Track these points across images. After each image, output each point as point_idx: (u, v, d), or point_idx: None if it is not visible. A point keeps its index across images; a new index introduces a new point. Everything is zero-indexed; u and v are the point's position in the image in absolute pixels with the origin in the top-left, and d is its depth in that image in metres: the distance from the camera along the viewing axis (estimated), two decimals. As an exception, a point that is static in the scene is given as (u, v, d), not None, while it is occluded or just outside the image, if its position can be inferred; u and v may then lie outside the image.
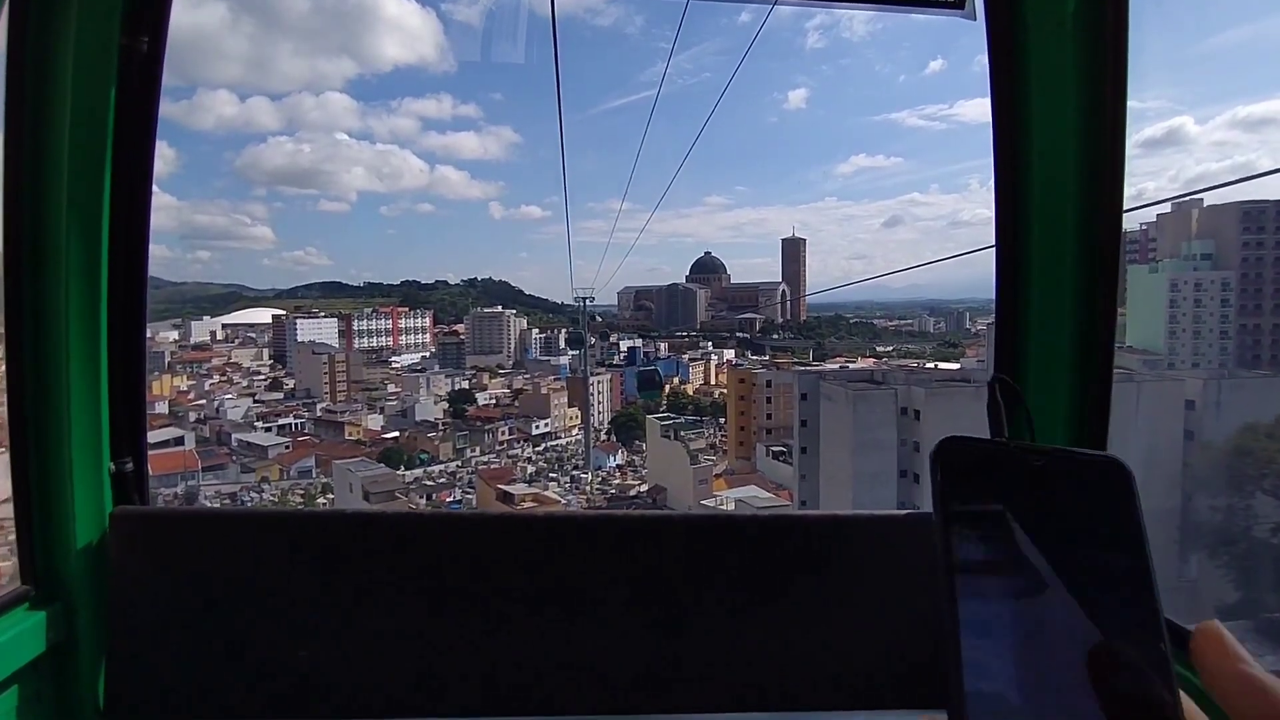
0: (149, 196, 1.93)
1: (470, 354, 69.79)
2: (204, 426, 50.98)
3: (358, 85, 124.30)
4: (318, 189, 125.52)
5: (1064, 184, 1.89)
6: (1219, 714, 0.82)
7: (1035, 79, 1.90)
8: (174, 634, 1.91)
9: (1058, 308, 1.95)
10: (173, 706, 1.92)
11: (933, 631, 1.89)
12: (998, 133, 1.98)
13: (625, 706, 1.97)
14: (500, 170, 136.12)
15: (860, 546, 1.99)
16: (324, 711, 1.94)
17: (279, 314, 72.95)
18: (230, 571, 1.94)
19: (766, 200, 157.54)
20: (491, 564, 1.97)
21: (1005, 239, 2.00)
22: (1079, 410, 1.96)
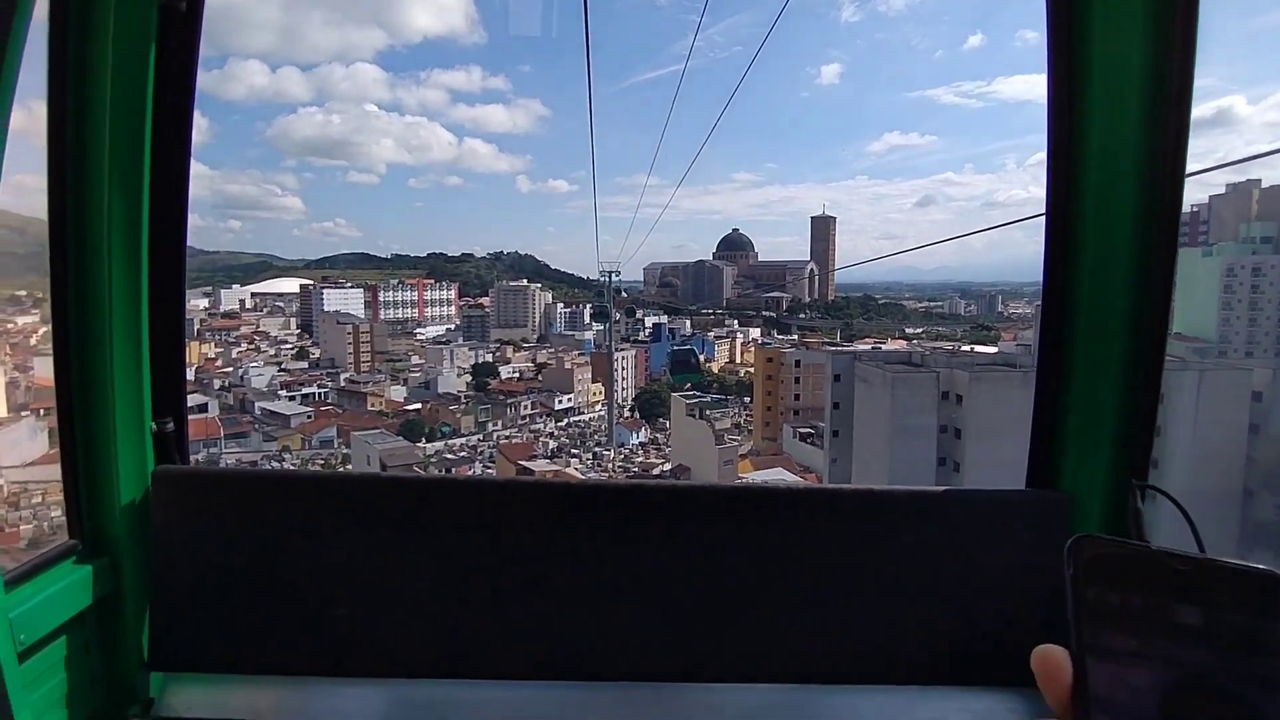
0: (188, 162, 1.97)
1: (495, 327, 68.50)
2: (228, 394, 50.26)
3: (387, 56, 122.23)
4: (347, 160, 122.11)
5: (1122, 161, 1.80)
6: None
7: (1098, 50, 1.81)
8: (214, 589, 1.97)
9: (1109, 289, 1.86)
10: (213, 660, 1.99)
11: (978, 612, 1.89)
12: (1053, 106, 1.89)
13: (659, 675, 1.97)
14: (528, 144, 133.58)
15: (897, 522, 1.97)
16: (359, 670, 1.99)
17: (307, 284, 71.88)
18: (268, 530, 1.99)
19: (796, 178, 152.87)
20: (525, 530, 1.98)
21: (1057, 217, 1.92)
22: (1128, 397, 1.87)
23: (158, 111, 1.88)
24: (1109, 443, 1.95)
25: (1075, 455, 2.02)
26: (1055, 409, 2.05)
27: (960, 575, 1.95)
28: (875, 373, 27.85)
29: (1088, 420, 1.99)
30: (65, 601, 1.83)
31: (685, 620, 1.97)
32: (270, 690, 2.03)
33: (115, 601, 1.97)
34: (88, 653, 1.92)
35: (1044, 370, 2.04)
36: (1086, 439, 1.99)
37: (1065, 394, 2.02)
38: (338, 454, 43.11)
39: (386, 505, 2.01)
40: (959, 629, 1.95)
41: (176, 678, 2.05)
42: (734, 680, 2.00)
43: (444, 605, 1.98)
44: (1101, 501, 1.96)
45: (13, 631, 1.66)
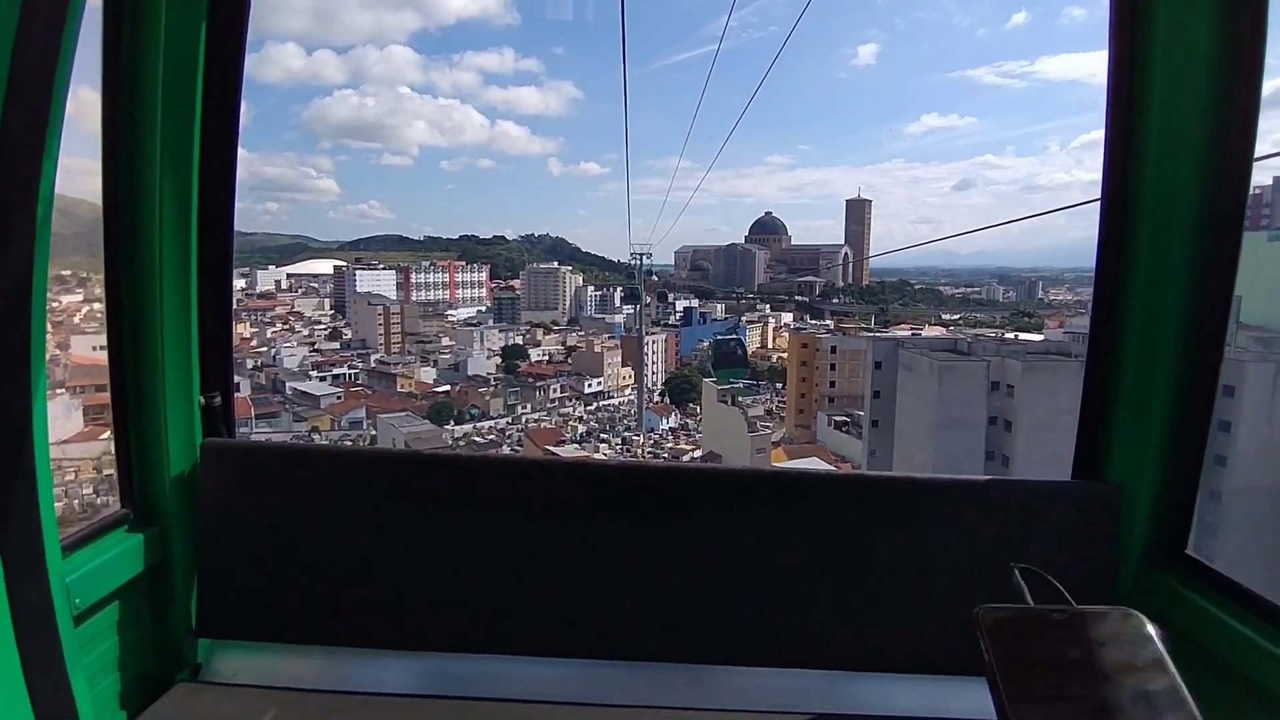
0: (236, 144, 2.00)
1: (525, 309, 67.55)
2: (260, 374, 49.82)
3: (421, 38, 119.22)
4: (381, 143, 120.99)
5: (1184, 148, 1.76)
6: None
7: (1161, 31, 1.75)
8: (259, 560, 2.02)
9: (1166, 279, 1.83)
10: (257, 628, 2.05)
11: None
12: (1113, 90, 1.85)
13: (690, 656, 1.98)
14: (560, 126, 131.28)
15: (938, 510, 1.97)
16: (396, 642, 2.04)
17: (340, 265, 71.41)
18: (312, 504, 2.04)
19: (830, 160, 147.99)
20: (561, 509, 2.01)
21: (1113, 204, 1.89)
22: (1182, 389, 1.83)
23: (207, 94, 1.91)
24: (1160, 435, 1.88)
25: (1124, 447, 1.95)
26: (1105, 399, 1.98)
27: (999, 565, 1.77)
28: (921, 360, 26.13)
29: (1139, 412, 1.91)
30: (117, 568, 1.87)
31: (718, 603, 1.96)
32: (311, 659, 2.08)
33: (164, 569, 2.01)
34: (138, 618, 1.97)
35: (1094, 359, 2.00)
36: (1137, 431, 1.92)
37: (1116, 384, 1.96)
38: (366, 435, 42.38)
39: (426, 482, 2.04)
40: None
41: (222, 644, 2.09)
42: (767, 664, 1.99)
43: (480, 581, 2.00)
44: (1150, 494, 1.90)
45: (69, 595, 1.68)
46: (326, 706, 1.96)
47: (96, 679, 1.84)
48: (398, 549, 2.04)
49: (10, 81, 1.31)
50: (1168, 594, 1.84)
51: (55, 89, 1.40)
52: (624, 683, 2.01)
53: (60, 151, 1.46)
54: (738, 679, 2.02)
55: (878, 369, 28.72)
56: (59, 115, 1.43)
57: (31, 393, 1.45)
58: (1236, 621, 1.64)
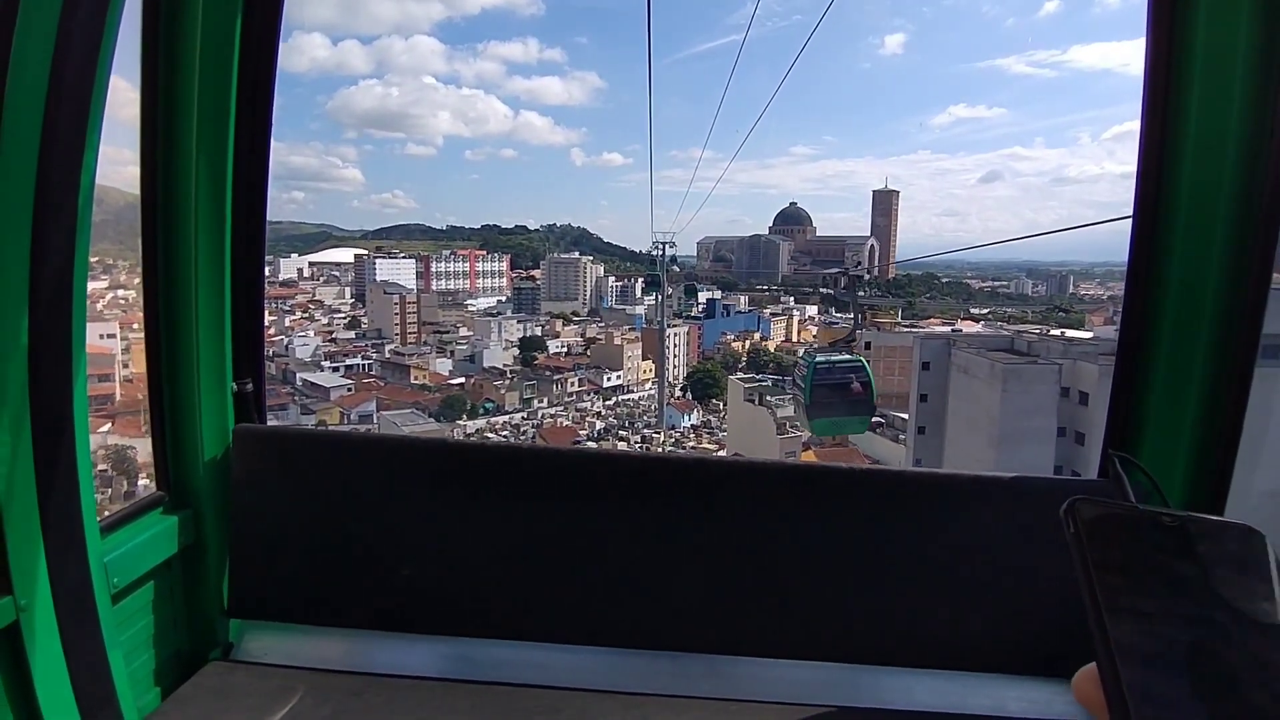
0: (269, 136, 2.00)
1: (545, 299, 65.28)
2: (271, 363, 46.93)
3: (445, 28, 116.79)
4: (405, 133, 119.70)
5: (1221, 146, 1.69)
6: None
7: (1202, 25, 1.67)
8: (290, 544, 2.03)
9: (1200, 279, 1.77)
10: (288, 611, 2.05)
11: (1043, 601, 1.84)
12: (1149, 85, 1.78)
13: (713, 647, 1.95)
14: (583, 116, 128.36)
15: (962, 507, 1.93)
16: (425, 627, 2.04)
17: (361, 254, 69.71)
18: (340, 489, 2.04)
19: (855, 152, 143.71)
20: (587, 499, 1.99)
21: (1146, 203, 1.83)
22: (1213, 391, 1.78)
23: (242, 88, 1.90)
24: (1190, 434, 1.84)
25: (1154, 444, 1.90)
26: (1134, 397, 1.94)
27: (1027, 564, 1.88)
28: (979, 362, 22.36)
29: (1169, 410, 1.87)
30: (153, 549, 1.88)
31: (741, 595, 1.94)
32: (339, 641, 2.08)
33: (198, 551, 2.01)
34: (172, 598, 1.98)
35: (1124, 358, 1.94)
36: (1167, 429, 1.88)
37: (1147, 382, 1.90)
38: (375, 430, 39.29)
39: (453, 470, 2.02)
40: (1023, 617, 1.89)
41: (253, 625, 2.09)
42: (788, 656, 1.97)
43: (505, 569, 1.98)
44: (1181, 495, 1.87)
45: (107, 574, 1.70)
46: (353, 687, 1.93)
47: (132, 656, 1.84)
48: (424, 534, 2.01)
49: (53, 77, 1.36)
50: None
51: (96, 83, 1.41)
52: (646, 672, 1.97)
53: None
54: (759, 670, 1.97)
55: (925, 370, 24.98)
56: (99, 109, 1.44)
57: (73, 380, 1.51)
58: None
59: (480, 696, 1.91)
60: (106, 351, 31.37)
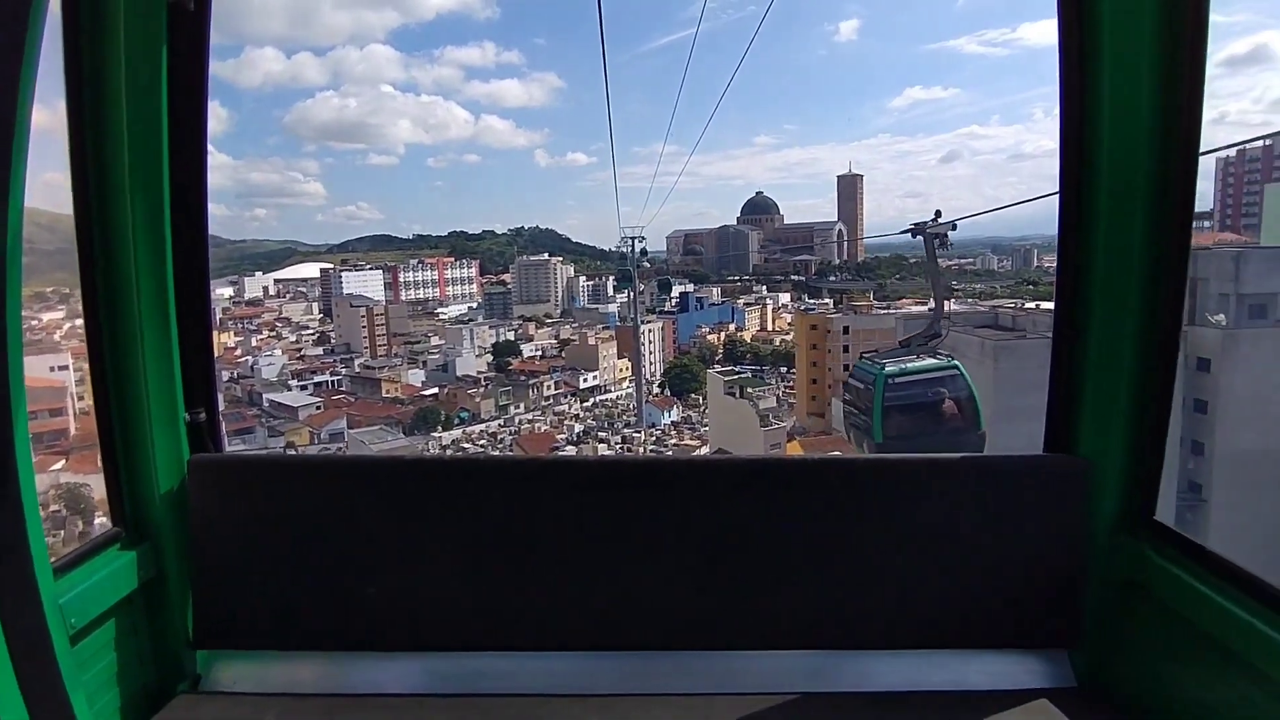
0: (205, 155, 1.95)
1: (517, 303, 64.25)
2: (236, 386, 44.80)
3: (400, 35, 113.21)
4: (366, 143, 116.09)
5: (1135, 119, 1.73)
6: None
7: (1107, 13, 1.73)
8: (253, 571, 1.97)
9: (1125, 255, 1.81)
10: (256, 639, 2.01)
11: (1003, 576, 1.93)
12: (1064, 62, 1.82)
13: (683, 644, 1.97)
14: (545, 117, 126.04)
15: (916, 489, 1.96)
16: (394, 644, 2.00)
17: (327, 268, 68.01)
18: (302, 512, 1.98)
19: (817, 139, 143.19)
20: (551, 506, 1.96)
21: (1070, 188, 1.87)
22: (1144, 364, 1.82)
23: (173, 108, 1.86)
24: (1125, 410, 1.87)
25: (1092, 422, 1.93)
26: (1072, 378, 1.96)
27: (979, 540, 1.93)
28: (968, 341, 21.04)
29: (1105, 389, 1.91)
30: (111, 586, 1.84)
31: (705, 591, 1.95)
32: (310, 665, 2.06)
33: (159, 584, 1.97)
34: (135, 634, 1.94)
35: (1060, 340, 1.97)
36: (1103, 407, 1.91)
37: (1082, 363, 1.92)
38: (345, 450, 37.41)
39: (416, 486, 1.99)
40: (978, 593, 1.93)
41: (221, 655, 2.07)
42: (757, 648, 1.99)
43: (473, 580, 1.97)
44: (1118, 466, 1.90)
45: (63, 616, 1.68)
46: (327, 709, 1.90)
47: (96, 696, 1.80)
48: (389, 552, 1.98)
49: None
50: (1137, 559, 1.82)
51: (20, 103, 1.37)
52: (617, 673, 1.98)
53: (34, 166, 1.44)
54: (726, 662, 1.99)
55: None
56: (24, 130, 1.40)
57: (13, 419, 1.46)
58: (1200, 583, 1.64)
59: (455, 710, 1.89)
60: (58, 385, 29.67)
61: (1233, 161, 47.31)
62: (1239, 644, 1.53)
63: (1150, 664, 1.82)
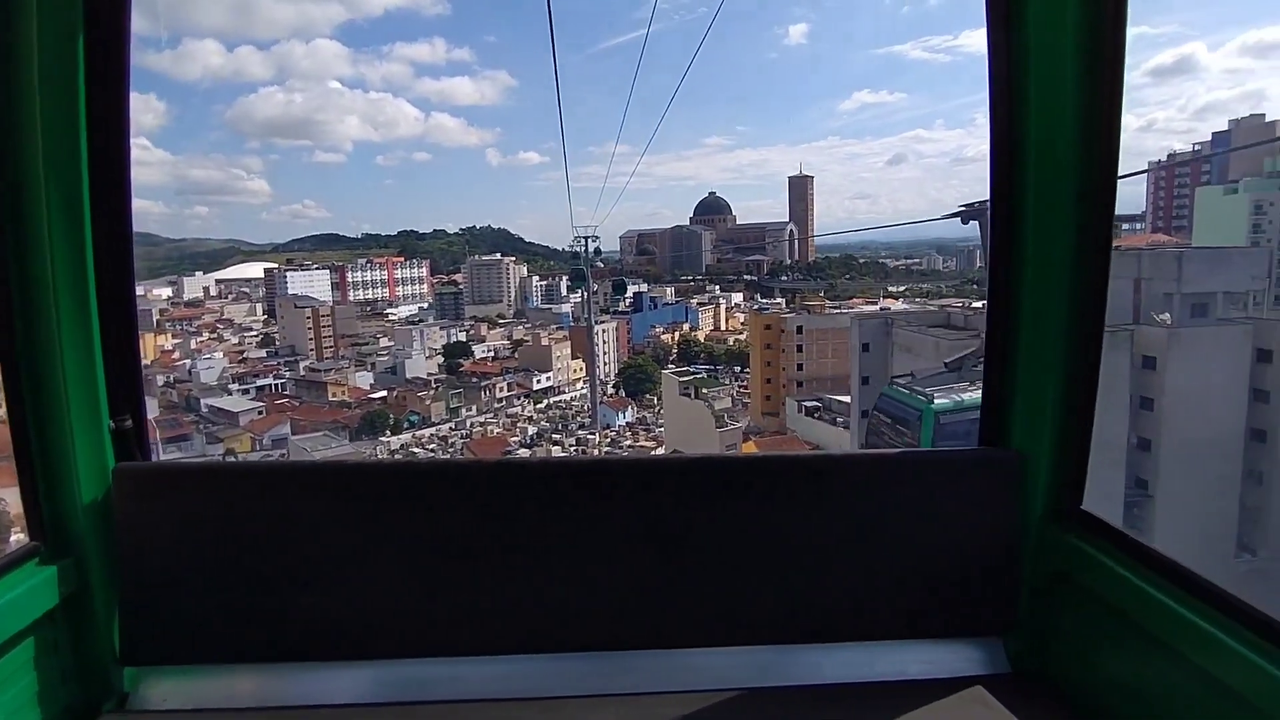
0: (128, 149, 1.88)
1: (469, 304, 63.03)
2: (173, 390, 42.62)
3: (348, 31, 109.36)
4: (312, 140, 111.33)
5: (1060, 129, 1.78)
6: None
7: (1033, 25, 1.79)
8: (186, 583, 1.91)
9: (1051, 253, 1.86)
10: (188, 653, 1.93)
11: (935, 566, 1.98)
12: (993, 72, 1.87)
13: (630, 643, 1.97)
14: (497, 116, 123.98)
15: (857, 485, 1.99)
16: (335, 654, 1.94)
17: (271, 267, 66.00)
18: (236, 521, 1.92)
19: (768, 140, 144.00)
20: (499, 509, 1.94)
21: (1000, 194, 1.92)
22: (1071, 359, 1.87)
23: (91, 99, 1.77)
24: (1054, 405, 1.92)
25: (1023, 416, 2.00)
26: (1004, 374, 2.03)
27: (917, 533, 1.97)
28: (924, 341, 20.88)
29: (1034, 384, 1.97)
30: (30, 602, 1.77)
31: (650, 590, 1.96)
32: (247, 679, 2.00)
33: (83, 599, 1.90)
34: (57, 651, 1.87)
35: (993, 338, 2.03)
36: (1034, 401, 1.97)
37: (1014, 360, 1.99)
38: (288, 456, 35.77)
39: (357, 490, 1.95)
40: (918, 585, 1.97)
41: (151, 671, 1.99)
42: (704, 645, 2.00)
43: (418, 586, 1.93)
44: (1049, 458, 1.95)
45: None
46: None
47: (15, 717, 1.77)
48: (332, 559, 1.91)
49: None
50: (1068, 549, 1.88)
51: None
52: (563, 674, 1.97)
53: None
54: (672, 660, 2.00)
55: (865, 351, 23.46)
56: None
57: None
58: (1125, 570, 1.71)
59: (402, 718, 1.88)
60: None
61: (1163, 166, 48.84)
62: (1160, 628, 1.61)
63: (1079, 649, 1.86)
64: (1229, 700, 1.45)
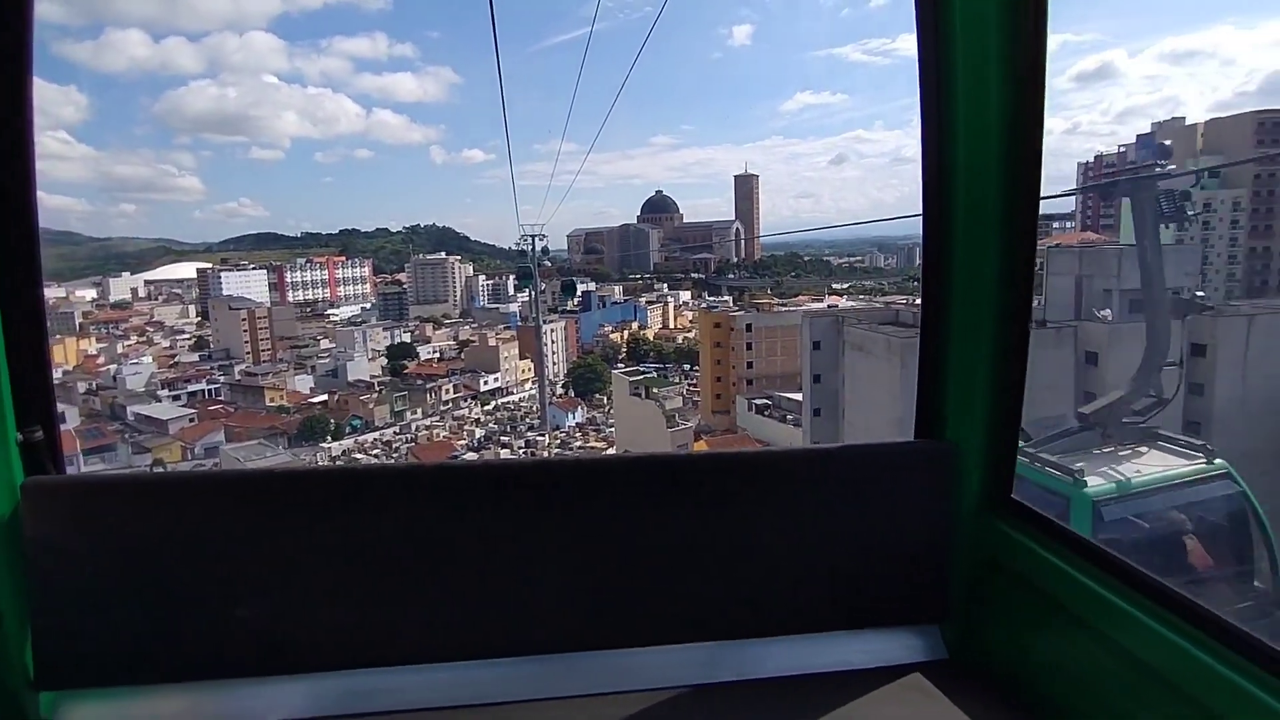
0: (30, 142, 1.78)
1: (413, 304, 61.40)
2: (95, 398, 40.07)
3: (284, 23, 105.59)
4: (247, 136, 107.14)
5: (987, 129, 1.83)
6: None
7: (960, 28, 1.81)
8: (106, 601, 1.82)
9: (980, 253, 1.90)
10: (110, 674, 1.84)
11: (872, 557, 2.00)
12: (923, 77, 1.91)
13: (575, 645, 1.95)
14: (440, 113, 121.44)
15: (798, 480, 2.01)
16: (271, 669, 1.88)
17: (205, 267, 63.09)
18: (160, 535, 1.83)
19: (713, 139, 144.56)
20: (439, 514, 1.90)
21: (931, 183, 1.96)
22: (1000, 354, 1.93)
23: None
24: (984, 399, 1.98)
25: (956, 410, 2.04)
26: (937, 369, 2.07)
27: (857, 526, 2.00)
28: (875, 339, 20.64)
29: (966, 379, 2.02)
30: None
31: (596, 590, 1.94)
32: (176, 698, 1.89)
33: None
34: None
35: (926, 335, 2.07)
36: (965, 396, 2.02)
37: (946, 356, 2.02)
38: (221, 466, 33.84)
39: (287, 499, 1.87)
40: (858, 575, 2.01)
41: (71, 695, 1.88)
42: (649, 644, 1.98)
43: (356, 596, 1.87)
44: (980, 449, 2.01)
45: None
46: None
47: None
48: (262, 571, 1.84)
49: None
50: (999, 537, 1.93)
51: None
52: (508, 679, 1.93)
53: None
54: (623, 660, 1.97)
55: (816, 349, 23.19)
56: None
57: None
58: (1052, 556, 1.76)
59: None
60: None
61: (1091, 166, 50.40)
62: (1085, 610, 1.67)
63: (1011, 633, 1.90)
64: (1147, 676, 1.51)
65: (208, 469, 6.89)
